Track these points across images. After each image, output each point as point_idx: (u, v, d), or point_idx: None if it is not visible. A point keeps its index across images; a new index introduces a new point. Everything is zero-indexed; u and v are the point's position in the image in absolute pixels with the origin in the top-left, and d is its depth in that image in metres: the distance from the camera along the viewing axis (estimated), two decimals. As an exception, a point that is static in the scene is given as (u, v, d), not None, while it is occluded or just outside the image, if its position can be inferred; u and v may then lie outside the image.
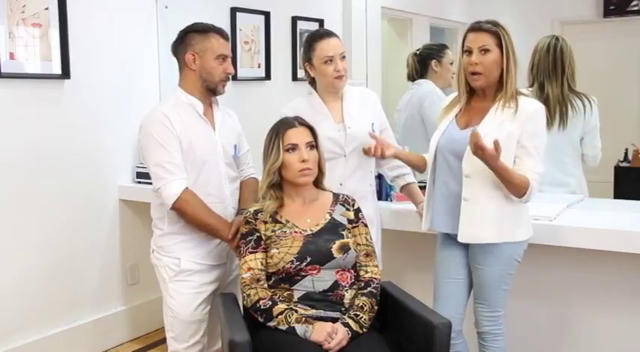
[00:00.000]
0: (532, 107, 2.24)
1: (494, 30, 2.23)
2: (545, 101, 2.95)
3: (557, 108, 3.00)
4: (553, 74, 3.02)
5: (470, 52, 2.25)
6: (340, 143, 2.50)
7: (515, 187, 2.19)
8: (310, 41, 2.50)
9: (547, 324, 2.73)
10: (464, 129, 2.29)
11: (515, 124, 2.20)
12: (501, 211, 2.25)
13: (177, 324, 2.46)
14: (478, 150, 2.09)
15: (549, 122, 2.93)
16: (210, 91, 2.45)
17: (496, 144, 2.07)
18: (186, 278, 2.45)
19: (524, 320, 2.69)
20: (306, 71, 2.56)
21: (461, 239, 2.28)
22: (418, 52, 3.77)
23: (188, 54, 2.41)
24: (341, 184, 2.46)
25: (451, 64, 3.69)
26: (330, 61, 2.44)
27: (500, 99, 2.23)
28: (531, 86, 3.09)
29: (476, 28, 2.26)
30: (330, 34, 2.51)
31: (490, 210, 2.24)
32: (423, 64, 3.70)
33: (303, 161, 2.20)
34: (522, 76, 2.59)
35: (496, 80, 2.25)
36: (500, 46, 2.22)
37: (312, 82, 2.58)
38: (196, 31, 2.42)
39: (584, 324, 2.66)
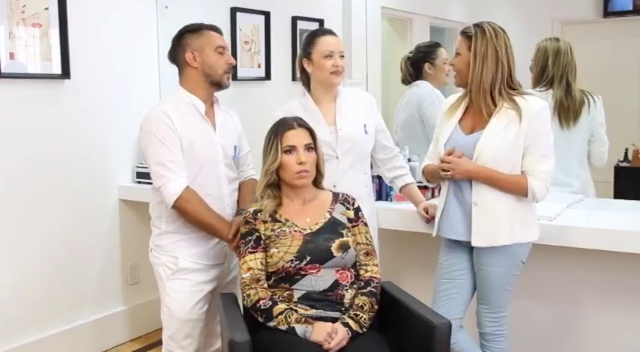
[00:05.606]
0: (537, 107, 2.23)
1: (468, 33, 2.26)
2: (573, 101, 3.04)
3: (581, 107, 3.06)
4: (576, 74, 3.11)
5: None
6: (332, 145, 2.50)
7: (511, 191, 2.22)
8: (312, 36, 2.56)
9: (547, 324, 2.73)
10: (469, 134, 2.29)
11: (522, 125, 2.19)
12: (512, 212, 2.24)
13: (174, 322, 2.46)
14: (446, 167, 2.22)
15: (571, 121, 3.03)
16: (215, 86, 2.45)
17: (451, 152, 2.20)
18: (183, 276, 2.44)
19: (524, 320, 2.69)
20: (302, 69, 2.57)
21: (474, 243, 2.26)
22: (410, 55, 3.75)
23: (187, 53, 2.41)
24: (334, 186, 2.46)
25: (444, 63, 3.67)
26: (330, 56, 2.49)
27: (497, 103, 2.23)
28: (548, 86, 3.10)
29: (460, 32, 2.32)
30: (332, 32, 2.58)
31: (500, 211, 2.23)
32: (416, 67, 3.68)
33: (300, 163, 2.20)
34: (525, 76, 2.59)
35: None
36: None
37: (307, 83, 2.60)
38: (190, 30, 2.44)
39: (584, 324, 2.66)
